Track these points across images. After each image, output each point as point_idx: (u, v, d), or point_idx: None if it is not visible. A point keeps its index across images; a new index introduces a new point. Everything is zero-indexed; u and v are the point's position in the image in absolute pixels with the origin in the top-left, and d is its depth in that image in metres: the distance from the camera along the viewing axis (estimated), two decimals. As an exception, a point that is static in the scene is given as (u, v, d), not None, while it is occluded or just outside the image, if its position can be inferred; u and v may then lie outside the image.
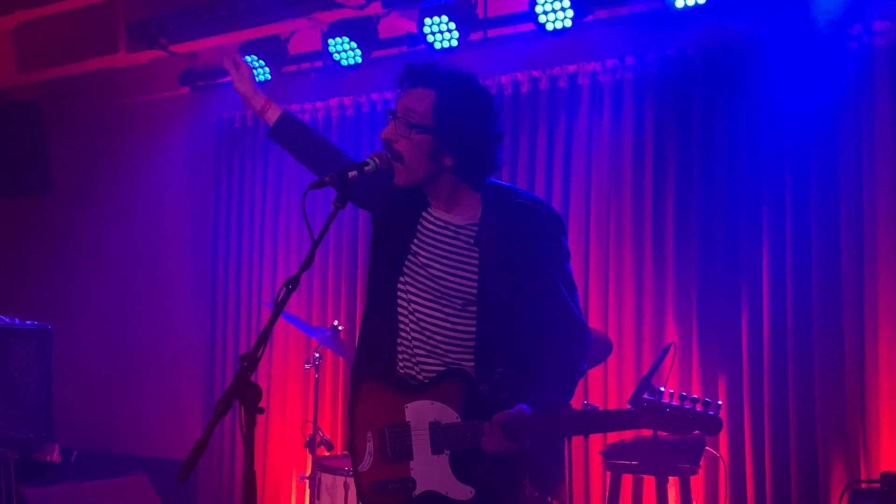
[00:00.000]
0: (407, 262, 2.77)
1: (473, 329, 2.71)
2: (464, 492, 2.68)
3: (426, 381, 2.74)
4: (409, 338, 2.75)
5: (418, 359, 2.74)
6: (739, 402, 4.88)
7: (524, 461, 2.76)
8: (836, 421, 4.62)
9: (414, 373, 2.75)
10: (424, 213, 2.79)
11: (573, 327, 2.76)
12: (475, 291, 2.71)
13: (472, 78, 2.74)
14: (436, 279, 2.73)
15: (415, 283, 2.75)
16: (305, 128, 3.10)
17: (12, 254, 7.60)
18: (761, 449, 4.79)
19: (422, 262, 2.76)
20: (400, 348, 2.77)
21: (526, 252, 2.72)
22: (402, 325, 2.76)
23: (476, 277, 2.72)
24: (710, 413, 2.52)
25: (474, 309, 2.71)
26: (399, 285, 2.77)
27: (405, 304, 2.76)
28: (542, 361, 2.72)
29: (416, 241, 2.78)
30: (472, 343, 2.71)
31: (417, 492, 2.71)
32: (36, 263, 7.51)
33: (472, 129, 2.69)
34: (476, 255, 2.73)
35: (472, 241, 2.74)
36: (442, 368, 2.71)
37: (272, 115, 3.08)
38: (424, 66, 2.72)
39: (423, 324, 2.73)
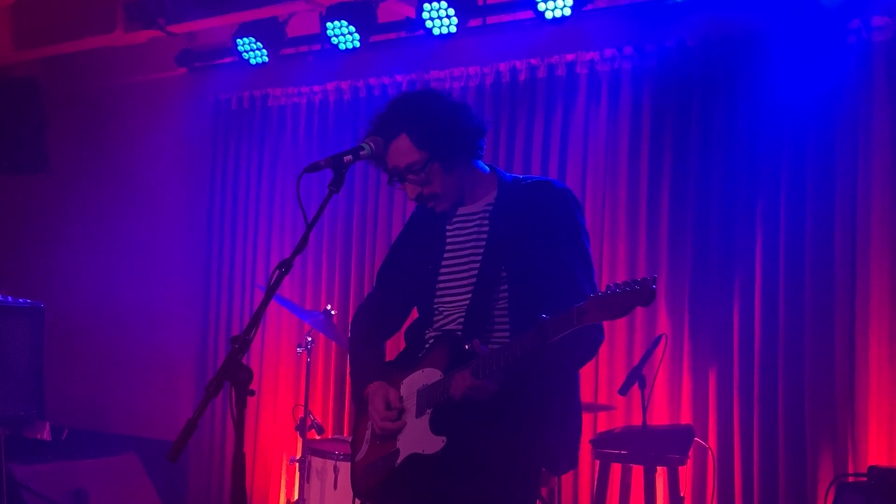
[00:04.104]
0: (441, 268, 2.83)
1: (506, 306, 2.73)
2: (435, 443, 2.64)
3: (421, 355, 2.77)
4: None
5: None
6: (729, 393, 4.89)
7: (498, 406, 2.65)
8: (825, 414, 4.64)
9: None
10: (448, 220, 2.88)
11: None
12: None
13: (411, 91, 2.88)
14: (468, 268, 2.79)
15: (451, 281, 2.81)
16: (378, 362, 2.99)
17: (7, 232, 7.58)
18: (750, 441, 4.81)
19: (454, 261, 2.82)
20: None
21: (536, 225, 2.75)
22: (439, 321, 2.81)
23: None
24: (644, 279, 2.35)
25: (506, 287, 2.73)
26: (437, 291, 2.82)
27: (446, 304, 2.80)
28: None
29: (447, 245, 2.85)
30: (505, 318, 2.73)
31: (400, 460, 2.71)
32: (30, 242, 7.49)
33: (449, 122, 2.78)
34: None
35: (487, 219, 2.81)
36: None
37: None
38: (382, 122, 2.80)
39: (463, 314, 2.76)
